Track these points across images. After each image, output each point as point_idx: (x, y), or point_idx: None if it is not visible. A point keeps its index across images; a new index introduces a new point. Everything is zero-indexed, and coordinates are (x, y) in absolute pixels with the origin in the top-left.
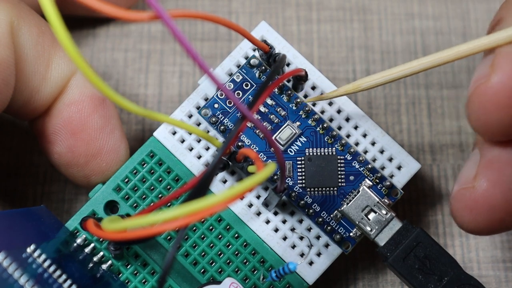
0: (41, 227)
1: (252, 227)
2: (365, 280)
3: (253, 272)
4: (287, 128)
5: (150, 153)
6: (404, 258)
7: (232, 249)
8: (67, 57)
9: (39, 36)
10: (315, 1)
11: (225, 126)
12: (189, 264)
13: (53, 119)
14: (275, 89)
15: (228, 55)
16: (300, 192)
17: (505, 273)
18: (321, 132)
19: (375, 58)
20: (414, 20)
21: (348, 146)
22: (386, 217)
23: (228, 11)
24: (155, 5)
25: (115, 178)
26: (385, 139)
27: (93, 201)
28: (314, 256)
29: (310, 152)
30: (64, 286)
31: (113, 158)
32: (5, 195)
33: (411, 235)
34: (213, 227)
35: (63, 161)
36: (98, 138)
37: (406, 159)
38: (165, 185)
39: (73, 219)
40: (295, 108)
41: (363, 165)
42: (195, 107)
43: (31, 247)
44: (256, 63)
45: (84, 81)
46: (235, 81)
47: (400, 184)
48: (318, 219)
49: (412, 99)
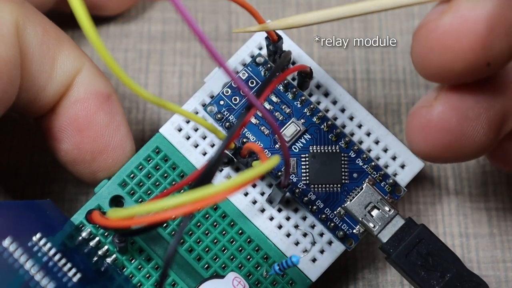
0: (47, 219)
1: (256, 223)
2: (365, 280)
3: (256, 268)
4: (291, 125)
5: (156, 149)
6: (406, 254)
7: (235, 245)
8: (72, 55)
9: (44, 35)
10: (315, 1)
11: (230, 123)
12: (192, 260)
13: (59, 117)
14: (280, 86)
15: (229, 56)
16: (304, 188)
17: (505, 273)
18: (326, 129)
19: (375, 58)
20: (414, 20)
21: (352, 144)
22: (389, 213)
23: (228, 11)
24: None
25: (120, 173)
26: (388, 138)
27: (99, 195)
28: (317, 253)
29: (314, 149)
30: (69, 274)
31: (119, 155)
32: (5, 195)
33: (414, 232)
34: (217, 223)
35: (70, 158)
36: (104, 134)
37: (410, 158)
38: (170, 180)
39: (79, 213)
40: (300, 105)
41: (367, 163)
42: (200, 104)
43: (37, 235)
44: (262, 61)
45: (89, 78)
46: (241, 78)
47: (404, 182)
48: (321, 215)
49: (412, 99)
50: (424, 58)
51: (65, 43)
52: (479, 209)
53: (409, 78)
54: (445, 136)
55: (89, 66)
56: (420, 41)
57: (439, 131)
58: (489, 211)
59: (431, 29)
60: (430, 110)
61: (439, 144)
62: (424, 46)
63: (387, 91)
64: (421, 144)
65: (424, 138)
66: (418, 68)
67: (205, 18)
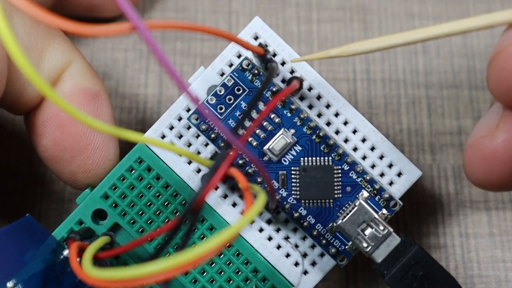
0: (25, 243)
1: (245, 236)
2: (365, 280)
3: (245, 282)
4: (281, 138)
5: (138, 159)
6: (401, 277)
7: (224, 259)
8: (62, 49)
9: (32, 27)
10: (315, 1)
11: (216, 134)
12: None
13: (42, 111)
14: (268, 93)
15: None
16: (294, 203)
17: (505, 273)
18: (317, 140)
19: (375, 58)
20: (414, 20)
21: (346, 156)
22: (383, 233)
23: (228, 11)
24: (132, 16)
25: (102, 185)
26: (385, 145)
27: (80, 209)
28: (308, 266)
29: (306, 161)
30: None
31: (100, 156)
32: (5, 195)
33: (409, 253)
34: (204, 236)
35: (49, 154)
36: (85, 133)
37: (407, 166)
38: (154, 192)
39: (60, 228)
40: (290, 114)
41: (361, 176)
42: (184, 110)
43: (10, 283)
44: (249, 65)
45: (78, 74)
46: (226, 85)
47: (400, 193)
48: (312, 232)
49: (412, 99)
50: (504, 84)
51: (56, 36)
52: (479, 209)
53: (409, 78)
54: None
55: (80, 62)
56: (500, 66)
57: (505, 160)
58: (489, 211)
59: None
60: (493, 140)
61: (505, 174)
62: (504, 70)
63: (387, 91)
64: (485, 176)
65: (488, 170)
66: (495, 94)
67: (205, 18)
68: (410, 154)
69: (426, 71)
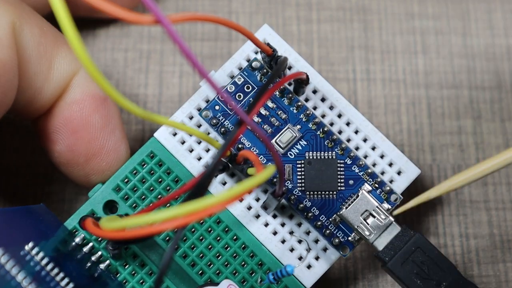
0: (40, 225)
1: (250, 229)
2: (365, 280)
3: (250, 275)
4: (287, 131)
5: (150, 154)
6: (402, 263)
7: (230, 251)
8: (69, 57)
9: (41, 37)
10: (315, 1)
11: (225, 128)
12: (187, 265)
13: (54, 118)
14: (276, 92)
15: (229, 56)
16: (299, 195)
17: (505, 273)
18: (322, 135)
19: (375, 58)
20: (414, 20)
21: (348, 151)
22: (385, 221)
23: (228, 11)
24: (155, 10)
25: (114, 178)
26: (385, 144)
27: (92, 200)
28: (312, 260)
29: (310, 155)
30: (62, 284)
31: (113, 158)
32: (5, 195)
33: (410, 240)
34: (211, 229)
35: (63, 160)
36: (98, 137)
37: (406, 165)
38: (165, 186)
39: (72, 218)
40: (296, 111)
41: (363, 170)
42: (196, 109)
43: (29, 244)
44: (258, 65)
45: (86, 80)
46: (236, 83)
47: (400, 190)
48: (317, 222)
49: (412, 99)
50: None
51: (63, 44)
52: (479, 209)
53: (409, 78)
54: None
55: None
56: None
57: None
58: (489, 211)
59: None
60: None
61: None
62: None
63: (387, 91)
64: None
65: None
66: None
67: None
68: (410, 154)
69: (426, 71)
